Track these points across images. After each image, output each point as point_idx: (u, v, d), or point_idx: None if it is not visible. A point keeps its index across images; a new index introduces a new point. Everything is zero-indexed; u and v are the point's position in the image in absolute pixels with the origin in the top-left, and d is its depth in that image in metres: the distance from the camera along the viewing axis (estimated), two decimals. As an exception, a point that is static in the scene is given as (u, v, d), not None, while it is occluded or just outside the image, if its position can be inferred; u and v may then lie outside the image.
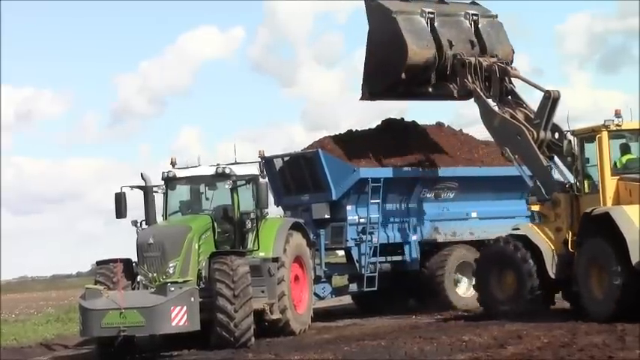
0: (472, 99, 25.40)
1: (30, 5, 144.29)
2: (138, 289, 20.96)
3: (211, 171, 22.97)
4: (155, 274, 20.97)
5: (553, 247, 22.07)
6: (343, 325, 25.44)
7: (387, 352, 18.07)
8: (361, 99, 27.84)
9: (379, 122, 29.68)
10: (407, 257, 27.75)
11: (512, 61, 26.15)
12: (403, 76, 26.27)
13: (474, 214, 28.69)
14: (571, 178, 22.53)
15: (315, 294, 25.75)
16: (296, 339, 22.17)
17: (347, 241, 26.74)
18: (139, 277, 21.17)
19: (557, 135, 23.38)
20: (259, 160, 24.66)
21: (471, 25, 26.66)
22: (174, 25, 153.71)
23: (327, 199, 26.56)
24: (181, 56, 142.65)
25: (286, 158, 27.91)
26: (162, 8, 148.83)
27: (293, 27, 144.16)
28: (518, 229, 23.24)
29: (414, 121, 29.98)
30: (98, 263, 21.93)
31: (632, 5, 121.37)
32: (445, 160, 28.56)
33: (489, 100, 24.69)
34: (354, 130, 29.06)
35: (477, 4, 27.77)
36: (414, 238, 27.75)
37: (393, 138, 28.68)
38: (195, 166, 23.36)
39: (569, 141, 22.69)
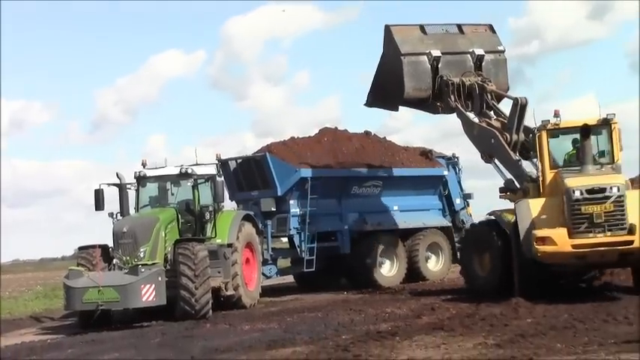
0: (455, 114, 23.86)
1: (24, 30, 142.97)
2: (113, 270, 20.76)
3: (176, 171, 22.89)
4: (128, 258, 20.83)
5: None
6: (287, 299, 25.45)
7: (323, 321, 18.13)
8: (365, 105, 26.38)
9: (317, 131, 29.75)
10: (340, 243, 27.70)
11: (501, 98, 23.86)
12: (398, 107, 25.73)
13: (395, 207, 28.71)
14: None
15: (263, 274, 25.68)
16: (247, 311, 22.13)
17: (290, 229, 26.68)
18: (114, 260, 20.99)
19: (530, 135, 21.87)
20: (216, 161, 24.55)
21: (474, 63, 24.40)
22: (146, 48, 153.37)
23: (273, 195, 26.51)
24: (151, 74, 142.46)
25: (239, 160, 27.81)
26: (136, 33, 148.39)
27: (245, 51, 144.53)
28: (491, 215, 21.99)
29: (345, 130, 30.09)
30: (80, 248, 21.74)
31: (525, 36, 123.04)
32: (372, 162, 28.67)
33: (470, 114, 23.43)
34: (296, 137, 29.05)
35: (494, 31, 25.38)
36: (345, 227, 27.73)
37: (329, 144, 28.76)
38: (163, 167, 23.24)
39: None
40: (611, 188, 18.43)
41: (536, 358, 11.86)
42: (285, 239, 28.11)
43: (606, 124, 19.99)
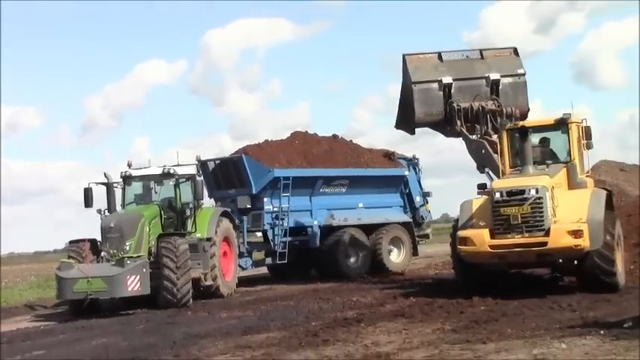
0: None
1: (20, 40, 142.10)
2: (102, 262, 20.65)
3: (159, 171, 22.79)
4: (115, 251, 20.72)
5: None
6: (261, 289, 25.40)
7: (295, 309, 18.12)
8: (394, 127, 24.83)
9: (289, 134, 29.71)
10: (310, 237, 27.71)
11: (525, 117, 22.13)
12: (414, 131, 24.31)
13: (360, 205, 28.71)
14: None
15: (240, 266, 25.64)
16: (224, 300, 22.08)
17: (264, 225, 26.67)
18: (102, 253, 20.86)
19: None
20: (196, 162, 24.49)
21: (489, 88, 23.03)
22: (132, 57, 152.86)
23: (248, 193, 26.48)
24: (136, 81, 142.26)
25: (217, 161, 27.78)
26: (123, 44, 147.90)
27: (223, 60, 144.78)
28: None
29: (315, 133, 30.09)
30: (71, 242, 21.60)
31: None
32: (339, 163, 28.69)
33: (474, 136, 22.34)
34: (269, 139, 28.97)
35: (517, 54, 23.75)
36: (315, 222, 27.74)
37: (300, 146, 28.74)
38: (147, 167, 23.14)
39: None
40: (529, 190, 17.43)
41: (489, 342, 11.93)
42: (259, 234, 28.02)
43: (563, 123, 19.22)
